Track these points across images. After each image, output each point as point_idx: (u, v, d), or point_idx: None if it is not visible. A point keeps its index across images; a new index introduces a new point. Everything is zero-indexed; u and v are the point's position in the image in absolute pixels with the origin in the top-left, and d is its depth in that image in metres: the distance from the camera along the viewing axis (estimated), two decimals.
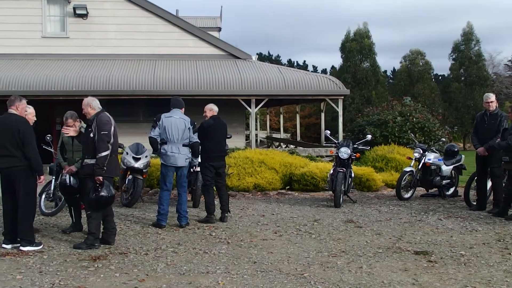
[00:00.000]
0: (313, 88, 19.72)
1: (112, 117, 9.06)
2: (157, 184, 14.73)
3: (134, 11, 21.55)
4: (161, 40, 21.57)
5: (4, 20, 21.02)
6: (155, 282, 7.03)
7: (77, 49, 21.36)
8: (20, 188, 8.62)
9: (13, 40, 21.06)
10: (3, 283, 6.93)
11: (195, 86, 19.12)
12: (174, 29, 21.70)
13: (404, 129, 19.90)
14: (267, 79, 19.56)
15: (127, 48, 21.48)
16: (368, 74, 41.88)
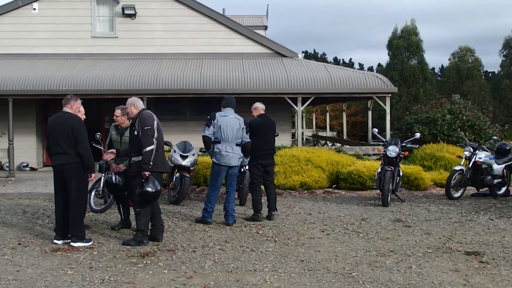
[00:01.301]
0: (360, 86, 19.57)
1: (155, 115, 9.15)
2: (204, 182, 14.83)
3: (181, 11, 21.70)
4: (208, 39, 21.67)
5: (56, 21, 21.44)
6: (203, 279, 7.06)
7: (125, 48, 21.62)
8: (72, 185, 8.78)
9: (64, 41, 21.46)
10: (55, 278, 7.05)
11: (242, 84, 19.14)
12: (220, 28, 21.78)
13: (453, 127, 19.62)
14: (314, 77, 19.48)
15: (174, 47, 21.63)
16: (415, 71, 41.33)
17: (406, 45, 41.75)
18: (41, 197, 13.91)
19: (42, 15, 21.57)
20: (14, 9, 21.64)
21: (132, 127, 9.01)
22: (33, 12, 21.61)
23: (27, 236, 9.45)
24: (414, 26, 42.76)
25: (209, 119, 10.58)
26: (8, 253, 8.34)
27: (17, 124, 19.70)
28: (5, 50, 21.55)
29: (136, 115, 8.99)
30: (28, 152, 21.08)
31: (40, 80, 19.15)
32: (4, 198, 13.86)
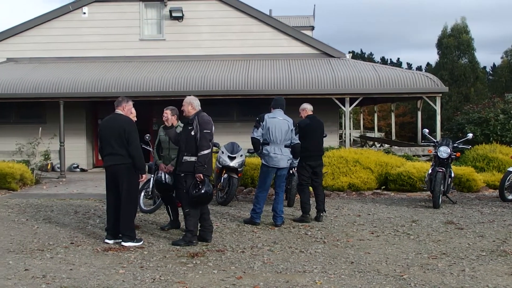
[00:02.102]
0: (409, 86, 19.33)
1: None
2: (251, 183, 14.84)
3: (227, 12, 21.78)
4: (254, 40, 21.69)
5: (105, 24, 21.77)
6: (252, 279, 7.06)
7: (172, 50, 21.79)
8: (124, 186, 8.89)
9: (113, 44, 21.77)
10: (107, 277, 7.14)
11: (289, 85, 19.11)
12: (267, 29, 21.78)
13: (507, 127, 19.24)
14: (362, 78, 19.33)
15: (221, 49, 21.73)
16: (466, 70, 40.70)
17: (456, 43, 41.14)
18: (92, 198, 14.10)
19: (92, 19, 21.91)
20: (65, 13, 22.04)
21: (188, 126, 9.04)
22: (83, 16, 21.96)
23: (79, 236, 9.60)
24: (465, 24, 42.12)
25: (258, 120, 10.54)
26: (61, 252, 8.48)
27: (68, 126, 20.03)
28: (56, 54, 21.95)
29: (193, 115, 9.04)
30: (79, 154, 21.42)
31: (90, 83, 19.45)
32: (56, 198, 14.10)
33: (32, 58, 22.06)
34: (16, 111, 21.64)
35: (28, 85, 19.47)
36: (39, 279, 7.05)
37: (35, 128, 19.45)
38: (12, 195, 14.80)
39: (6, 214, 11.89)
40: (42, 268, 7.58)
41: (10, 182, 15.47)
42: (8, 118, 21.68)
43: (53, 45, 21.91)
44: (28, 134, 20.04)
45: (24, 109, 21.51)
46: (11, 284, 6.84)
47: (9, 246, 8.87)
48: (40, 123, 20.40)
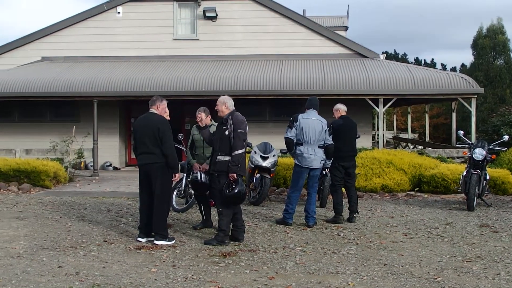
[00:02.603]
0: (443, 87, 19.11)
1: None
2: (284, 183, 14.81)
3: (261, 12, 21.77)
4: (288, 40, 21.65)
5: (139, 24, 21.92)
6: (285, 280, 7.03)
7: (206, 50, 21.85)
8: (157, 184, 8.92)
9: (147, 43, 21.91)
10: (139, 275, 7.17)
11: (322, 85, 19.02)
12: (300, 29, 21.72)
13: None
14: (395, 78, 19.16)
15: (254, 49, 21.73)
16: (502, 71, 40.04)
17: (492, 44, 40.52)
18: (124, 196, 14.19)
19: (126, 18, 22.08)
20: (99, 13, 22.24)
21: (222, 126, 9.05)
22: (117, 16, 22.13)
23: (112, 234, 9.66)
24: (501, 25, 41.46)
25: (291, 120, 10.51)
26: (94, 249, 8.54)
27: (101, 125, 20.20)
28: (90, 53, 22.16)
29: (227, 115, 9.04)
30: (111, 152, 21.60)
31: (123, 82, 19.59)
32: (89, 196, 14.22)
33: (66, 57, 22.30)
34: (50, 109, 21.90)
35: (62, 84, 19.68)
36: (72, 276, 7.11)
37: (69, 126, 19.65)
38: (46, 192, 14.96)
39: (40, 211, 12.02)
40: (75, 265, 7.64)
41: (44, 180, 15.65)
42: (43, 117, 21.94)
43: (87, 44, 22.12)
44: (62, 133, 20.25)
45: (58, 108, 21.76)
46: (45, 281, 6.89)
47: (43, 243, 8.96)
48: (74, 122, 20.63)
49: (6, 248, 8.62)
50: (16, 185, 15.38)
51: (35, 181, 15.61)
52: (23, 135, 21.58)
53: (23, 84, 19.74)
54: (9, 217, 11.31)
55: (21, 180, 15.64)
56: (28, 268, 7.49)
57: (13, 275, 7.13)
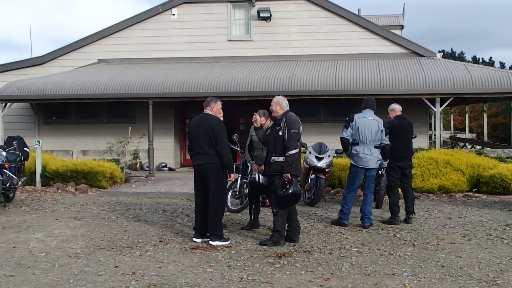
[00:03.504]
0: (502, 86, 18.65)
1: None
2: (339, 184, 14.72)
3: (315, 12, 21.66)
4: (342, 40, 21.49)
5: (193, 25, 22.07)
6: (340, 281, 6.96)
7: (260, 51, 21.84)
8: (212, 185, 8.94)
9: (201, 44, 22.02)
10: (195, 275, 7.19)
11: (377, 85, 18.80)
12: (355, 28, 21.53)
13: None
14: (453, 77, 18.79)
15: (308, 49, 21.62)
16: None
17: None
18: (180, 197, 14.28)
19: (181, 20, 22.24)
20: (155, 15, 22.47)
21: (276, 126, 9.02)
22: (172, 18, 22.32)
23: (167, 234, 9.73)
24: None
25: (347, 120, 10.44)
26: (150, 250, 8.61)
27: (157, 126, 20.38)
28: (145, 54, 22.41)
29: (281, 115, 9.01)
30: (167, 153, 21.79)
31: (178, 83, 19.73)
32: (144, 197, 14.36)
33: (122, 59, 22.60)
34: (107, 111, 22.23)
35: (118, 86, 19.94)
36: (129, 276, 7.17)
37: (125, 127, 19.89)
38: (102, 193, 15.17)
39: (97, 211, 12.19)
40: (131, 265, 7.71)
41: (101, 181, 15.88)
42: (99, 118, 22.29)
43: (143, 46, 22.37)
44: (118, 134, 20.53)
45: (114, 109, 22.07)
46: (102, 280, 6.97)
47: (100, 243, 9.07)
48: (129, 123, 20.88)
49: (64, 248, 8.76)
50: (74, 186, 15.65)
51: (91, 181, 15.85)
52: (80, 136, 21.97)
53: (80, 85, 20.07)
54: (66, 217, 11.51)
55: (78, 181, 15.90)
56: (86, 267, 7.59)
57: (71, 275, 7.23)
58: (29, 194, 14.80)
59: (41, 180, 15.97)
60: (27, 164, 14.72)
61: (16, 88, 20.38)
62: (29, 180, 15.56)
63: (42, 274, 7.28)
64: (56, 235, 9.72)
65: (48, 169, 16.02)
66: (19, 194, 14.36)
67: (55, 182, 15.88)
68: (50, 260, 8.02)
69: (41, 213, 12.04)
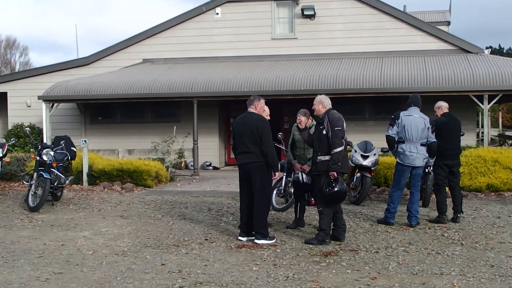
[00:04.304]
0: None
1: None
2: (384, 183, 14.57)
3: (360, 9, 21.51)
4: (388, 37, 21.27)
5: (237, 24, 22.12)
6: (387, 280, 6.88)
7: (304, 49, 21.78)
8: (256, 183, 8.93)
9: (244, 43, 22.06)
10: (241, 274, 7.18)
11: (423, 82, 18.55)
12: (401, 25, 21.30)
13: None
14: (501, 74, 18.42)
15: (353, 46, 21.47)
16: None
17: None
18: (224, 195, 14.30)
19: (224, 19, 22.32)
20: (198, 14, 22.58)
21: (319, 126, 8.97)
22: (216, 17, 22.40)
23: (213, 232, 9.75)
24: None
25: (393, 118, 10.32)
26: (196, 248, 8.64)
27: (201, 125, 20.46)
28: (189, 54, 22.54)
29: (323, 113, 8.95)
30: (211, 152, 21.87)
31: (222, 82, 19.78)
32: (189, 195, 14.43)
33: (166, 59, 22.77)
34: (152, 110, 22.43)
35: (163, 85, 20.08)
36: (175, 274, 7.20)
37: (170, 126, 20.03)
38: (148, 192, 15.29)
39: (143, 210, 12.29)
40: (178, 263, 7.74)
41: (146, 179, 16.00)
42: (144, 117, 22.51)
43: (186, 45, 22.50)
44: (163, 133, 20.67)
45: (159, 109, 22.27)
46: (149, 278, 7.01)
47: (146, 241, 9.14)
48: (174, 122, 21.01)
49: (111, 246, 8.85)
50: (120, 185, 15.81)
51: (137, 180, 15.98)
52: (125, 135, 22.21)
53: (125, 85, 20.28)
54: (113, 215, 11.63)
55: (124, 180, 16.05)
56: (132, 265, 7.65)
57: (118, 272, 7.30)
58: (76, 193, 15.00)
59: (87, 179, 16.17)
60: (74, 164, 14.89)
61: (62, 88, 20.69)
62: (76, 179, 15.75)
63: (90, 271, 7.37)
64: (103, 233, 9.83)
65: (94, 168, 16.21)
66: (66, 193, 14.56)
67: (101, 181, 16.06)
68: (97, 258, 8.11)
69: (88, 211, 12.19)
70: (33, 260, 7.97)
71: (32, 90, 22.44)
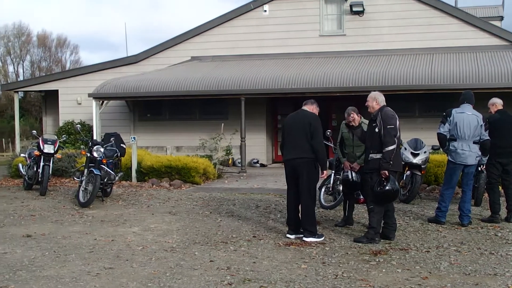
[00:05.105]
0: None
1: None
2: (435, 181, 14.35)
3: (409, 5, 21.20)
4: (437, 33, 20.92)
5: (285, 21, 22.04)
6: (439, 280, 6.74)
7: (352, 46, 21.58)
8: (304, 180, 8.86)
9: (292, 40, 21.97)
10: (289, 271, 7.13)
11: (475, 79, 18.16)
12: (451, 20, 20.92)
13: None
14: None
15: (402, 42, 21.19)
16: None
17: None
18: (272, 193, 14.26)
19: (272, 16, 22.26)
20: (246, 12, 22.58)
21: (372, 123, 8.86)
22: (264, 14, 22.37)
23: (261, 230, 9.72)
24: None
25: (444, 115, 10.14)
26: (244, 245, 8.62)
27: (248, 122, 20.43)
28: (237, 51, 22.58)
29: (376, 111, 8.84)
30: (258, 149, 21.84)
31: (270, 79, 19.71)
32: (237, 192, 14.43)
33: (214, 56, 22.83)
34: (199, 108, 22.51)
35: (211, 83, 20.12)
36: (224, 270, 7.18)
37: (217, 124, 20.08)
38: (196, 188, 15.34)
39: (191, 206, 12.33)
40: (226, 260, 7.73)
41: (194, 176, 16.06)
42: (192, 115, 22.61)
43: (234, 43, 22.55)
44: (211, 130, 20.75)
45: (207, 106, 22.33)
46: (198, 274, 7.01)
47: (195, 238, 9.15)
48: (222, 119, 21.06)
49: (160, 242, 8.89)
50: (168, 181, 15.90)
51: (185, 177, 16.06)
52: (173, 132, 22.34)
53: (174, 83, 20.39)
54: (162, 212, 11.70)
55: (172, 177, 16.14)
56: (181, 261, 7.67)
57: (167, 268, 7.32)
58: (125, 189, 15.14)
59: (136, 175, 16.31)
60: (123, 160, 15.05)
61: (112, 86, 20.91)
62: (125, 176, 15.90)
63: (139, 267, 7.41)
64: (152, 229, 9.88)
65: (143, 165, 16.34)
66: (115, 189, 14.70)
67: (150, 178, 16.19)
68: (147, 253, 8.15)
69: (137, 207, 12.29)
70: (84, 255, 8.06)
71: (82, 88, 22.81)
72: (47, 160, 14.38)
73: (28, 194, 14.40)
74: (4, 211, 11.89)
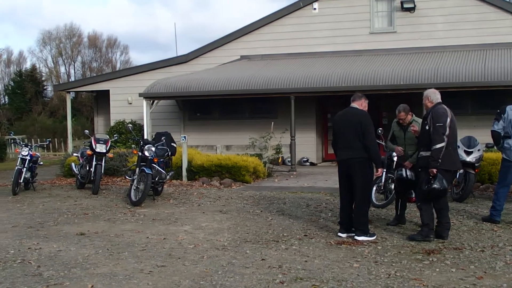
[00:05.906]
0: None
1: (449, 110, 8.77)
2: (489, 179, 14.09)
3: (462, 1, 20.86)
4: (491, 28, 20.51)
5: (334, 19, 21.91)
6: (494, 280, 6.62)
7: (403, 43, 21.34)
8: (357, 180, 8.79)
9: (342, 38, 21.82)
10: (341, 270, 7.08)
11: None
12: (506, 16, 20.48)
13: None
14: None
15: (454, 39, 20.83)
16: None
17: None
18: (322, 191, 14.19)
19: (321, 14, 22.15)
20: (295, 10, 22.53)
21: (424, 121, 8.75)
22: (313, 12, 22.28)
23: (312, 228, 9.68)
24: None
25: (498, 113, 9.97)
26: (295, 243, 8.59)
27: (298, 121, 20.35)
28: (286, 50, 22.53)
29: (430, 109, 8.73)
30: (308, 148, 21.75)
31: (319, 78, 19.61)
32: (287, 191, 14.40)
33: (263, 55, 22.84)
34: (249, 106, 22.55)
35: (260, 81, 20.11)
36: (275, 269, 7.17)
37: (267, 123, 20.09)
38: (246, 187, 15.37)
39: (241, 205, 12.36)
40: (277, 258, 7.72)
41: (244, 175, 16.09)
42: (242, 114, 22.66)
43: (283, 41, 22.50)
44: (260, 129, 20.76)
45: (256, 105, 22.37)
46: (249, 273, 7.02)
47: (246, 236, 9.16)
48: (271, 118, 21.06)
49: (211, 240, 8.92)
50: (218, 180, 15.95)
51: (235, 176, 16.10)
52: (223, 131, 22.42)
53: (223, 82, 20.45)
54: (212, 210, 11.74)
55: (222, 175, 16.20)
56: (233, 260, 7.69)
57: (219, 266, 7.34)
58: (176, 188, 15.26)
59: (187, 174, 16.42)
60: (174, 159, 15.16)
61: (162, 85, 21.09)
62: (176, 175, 16.01)
63: (191, 265, 7.45)
64: (203, 228, 9.93)
65: (193, 163, 16.44)
66: (167, 188, 14.84)
67: (200, 177, 16.28)
68: (198, 251, 8.19)
69: (188, 206, 12.37)
70: (136, 253, 8.15)
71: (133, 88, 23.09)
72: (100, 159, 14.61)
73: (81, 193, 14.63)
74: (58, 210, 12.10)
